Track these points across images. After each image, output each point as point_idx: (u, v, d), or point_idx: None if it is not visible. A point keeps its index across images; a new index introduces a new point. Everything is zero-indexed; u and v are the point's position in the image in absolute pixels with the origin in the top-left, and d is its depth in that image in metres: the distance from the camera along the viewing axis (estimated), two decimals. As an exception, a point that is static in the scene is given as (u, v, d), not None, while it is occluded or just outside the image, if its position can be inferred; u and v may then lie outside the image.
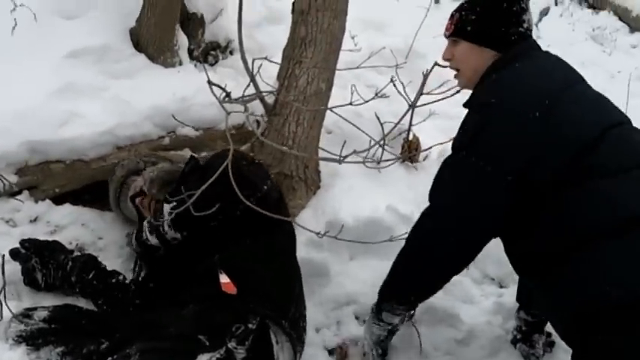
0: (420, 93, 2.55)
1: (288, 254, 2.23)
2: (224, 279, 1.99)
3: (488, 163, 1.78)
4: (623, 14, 7.61)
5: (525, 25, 1.97)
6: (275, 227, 2.08)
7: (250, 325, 1.91)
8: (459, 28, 2.02)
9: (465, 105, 2.00)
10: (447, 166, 1.96)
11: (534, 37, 2.05)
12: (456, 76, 2.11)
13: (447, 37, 2.09)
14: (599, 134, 1.75)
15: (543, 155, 1.73)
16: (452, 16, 2.06)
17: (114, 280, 2.19)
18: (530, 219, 1.79)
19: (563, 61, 1.98)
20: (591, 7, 7.87)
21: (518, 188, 1.77)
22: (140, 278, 2.22)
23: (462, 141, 1.88)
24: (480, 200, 1.82)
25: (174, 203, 1.98)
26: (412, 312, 2.19)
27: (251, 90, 2.52)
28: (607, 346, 1.64)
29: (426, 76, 2.22)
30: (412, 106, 1.68)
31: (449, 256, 1.93)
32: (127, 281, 2.21)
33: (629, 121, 1.87)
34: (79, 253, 2.30)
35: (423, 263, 1.97)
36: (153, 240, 2.15)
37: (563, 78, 1.89)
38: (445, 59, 2.11)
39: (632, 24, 7.49)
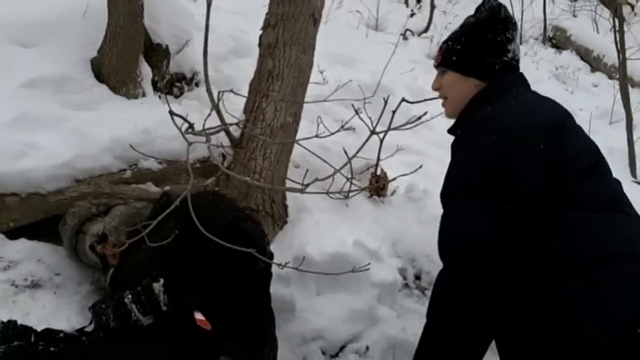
0: (389, 127, 2.55)
1: (265, 294, 2.17)
2: (199, 316, 1.93)
3: (497, 198, 1.72)
4: (584, 54, 7.83)
5: (510, 55, 1.99)
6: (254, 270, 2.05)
7: (224, 365, 1.84)
8: (446, 59, 2.05)
9: (450, 132, 2.02)
10: (455, 208, 1.85)
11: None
12: (443, 105, 2.12)
13: (435, 67, 2.12)
14: (590, 165, 1.77)
15: (546, 184, 1.71)
16: (440, 47, 2.10)
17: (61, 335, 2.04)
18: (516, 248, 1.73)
19: (550, 98, 1.98)
20: (554, 46, 8.10)
21: (516, 218, 1.71)
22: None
23: (466, 179, 1.82)
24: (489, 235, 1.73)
25: (163, 281, 1.93)
26: None
27: (214, 121, 2.48)
28: None
29: (394, 111, 2.21)
30: (373, 132, 1.66)
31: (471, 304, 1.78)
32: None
33: (604, 158, 1.88)
34: None
35: (453, 321, 1.82)
36: (147, 321, 1.96)
37: (556, 113, 1.88)
38: (434, 89, 2.13)
39: (593, 64, 7.71)
